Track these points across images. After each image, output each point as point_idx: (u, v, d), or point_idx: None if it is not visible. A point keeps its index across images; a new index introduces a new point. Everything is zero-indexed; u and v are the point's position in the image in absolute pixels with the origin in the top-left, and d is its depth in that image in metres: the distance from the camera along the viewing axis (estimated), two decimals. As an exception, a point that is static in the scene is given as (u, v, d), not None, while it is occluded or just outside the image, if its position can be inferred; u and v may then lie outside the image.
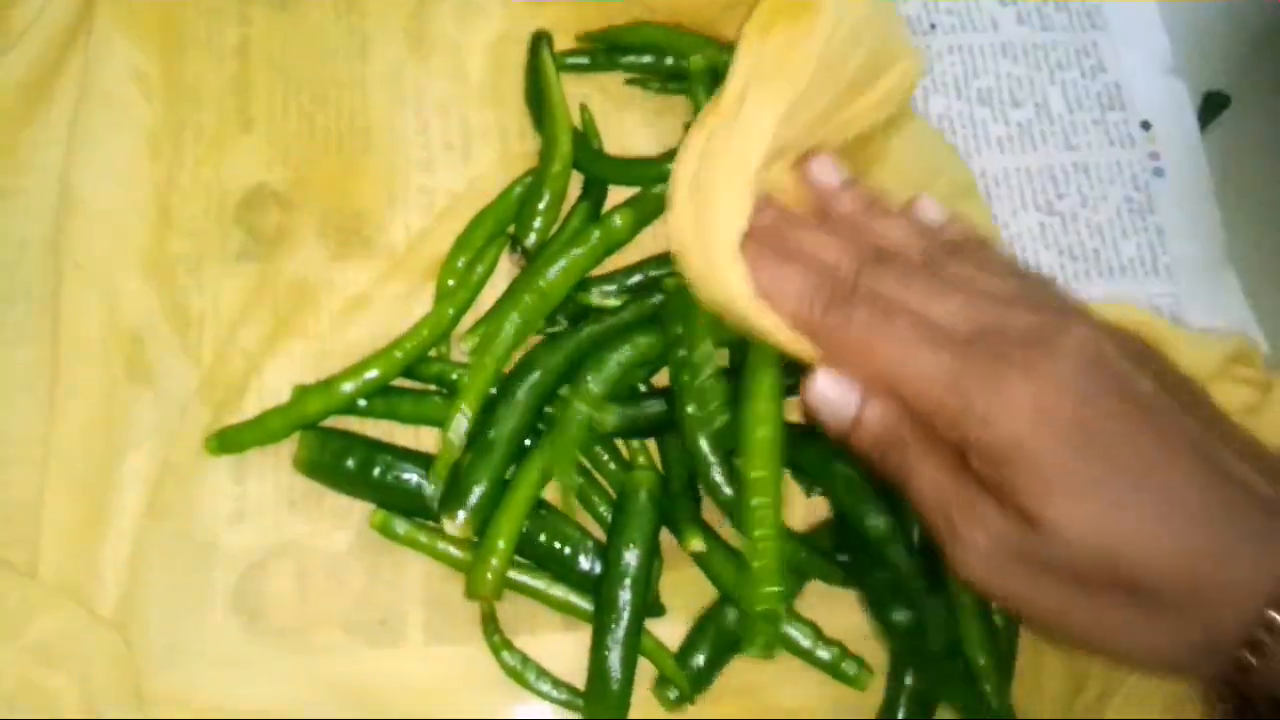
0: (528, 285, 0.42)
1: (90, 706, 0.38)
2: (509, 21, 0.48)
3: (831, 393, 0.37)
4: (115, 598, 0.40)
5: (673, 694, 0.40)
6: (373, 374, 0.42)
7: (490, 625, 0.40)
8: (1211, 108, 0.50)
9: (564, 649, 0.41)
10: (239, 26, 0.48)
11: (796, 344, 0.37)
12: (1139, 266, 0.47)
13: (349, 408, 0.42)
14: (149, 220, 0.44)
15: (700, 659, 0.40)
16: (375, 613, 0.41)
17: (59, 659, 0.38)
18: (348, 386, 0.42)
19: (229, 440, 0.42)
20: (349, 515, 0.42)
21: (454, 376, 0.43)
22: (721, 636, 0.40)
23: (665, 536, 0.42)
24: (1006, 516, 0.33)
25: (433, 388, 0.43)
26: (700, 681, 0.40)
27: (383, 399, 0.42)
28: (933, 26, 0.51)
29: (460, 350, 0.43)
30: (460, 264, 0.44)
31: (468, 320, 0.44)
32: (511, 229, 0.45)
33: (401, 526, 0.41)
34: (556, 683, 0.40)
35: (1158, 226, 0.48)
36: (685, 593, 0.41)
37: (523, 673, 0.40)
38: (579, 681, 0.40)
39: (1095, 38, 0.51)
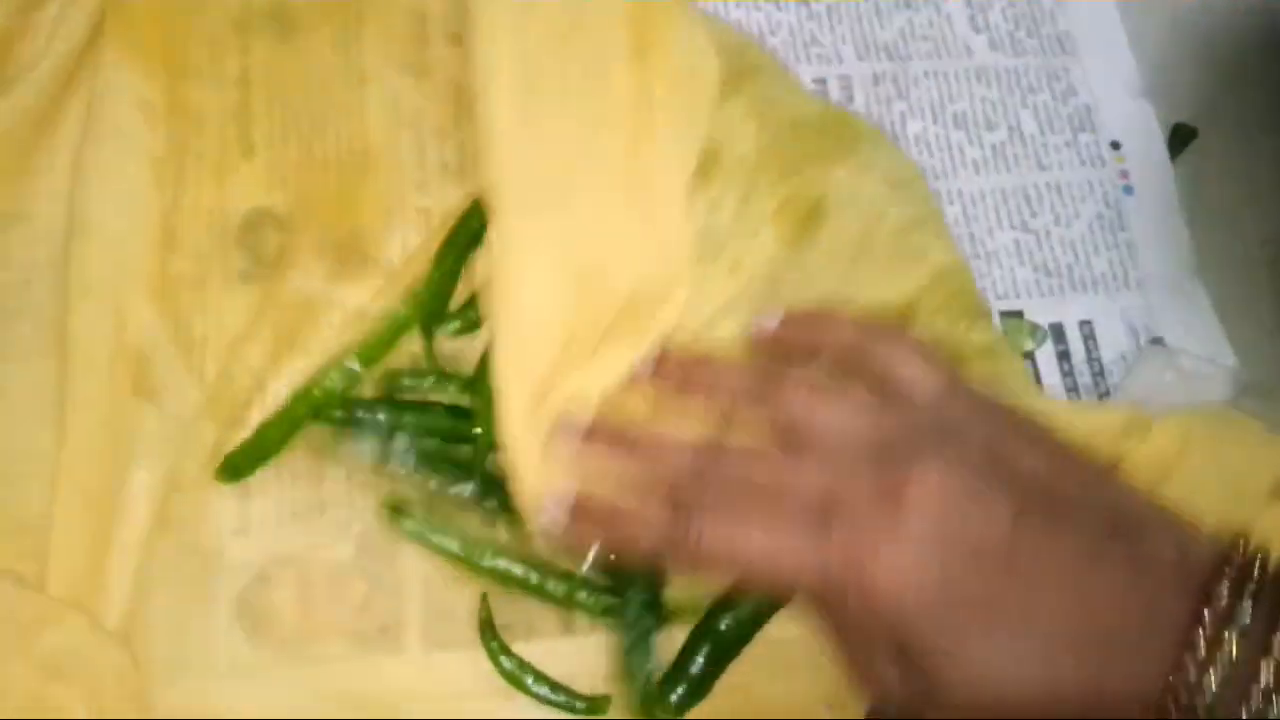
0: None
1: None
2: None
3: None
4: (121, 610, 0.41)
5: (674, 698, 0.41)
6: (353, 364, 0.44)
7: (488, 630, 0.41)
8: (1180, 139, 0.52)
9: (560, 653, 0.42)
10: (239, 57, 0.49)
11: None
12: (1111, 281, 0.49)
13: (348, 419, 0.44)
14: (154, 243, 0.45)
15: (698, 666, 0.41)
16: (376, 621, 0.42)
17: (67, 673, 0.39)
18: (333, 378, 0.44)
19: (235, 465, 0.43)
20: (350, 527, 0.43)
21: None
22: (718, 644, 0.42)
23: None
24: (903, 672, 0.33)
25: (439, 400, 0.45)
26: (698, 689, 0.41)
27: (391, 412, 0.44)
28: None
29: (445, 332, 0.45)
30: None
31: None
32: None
33: (416, 521, 0.42)
34: (554, 686, 0.41)
35: (1128, 242, 0.50)
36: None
37: (520, 676, 0.41)
38: (576, 685, 0.41)
39: (1065, 62, 0.53)
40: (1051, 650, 0.31)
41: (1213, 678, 0.29)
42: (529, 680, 0.41)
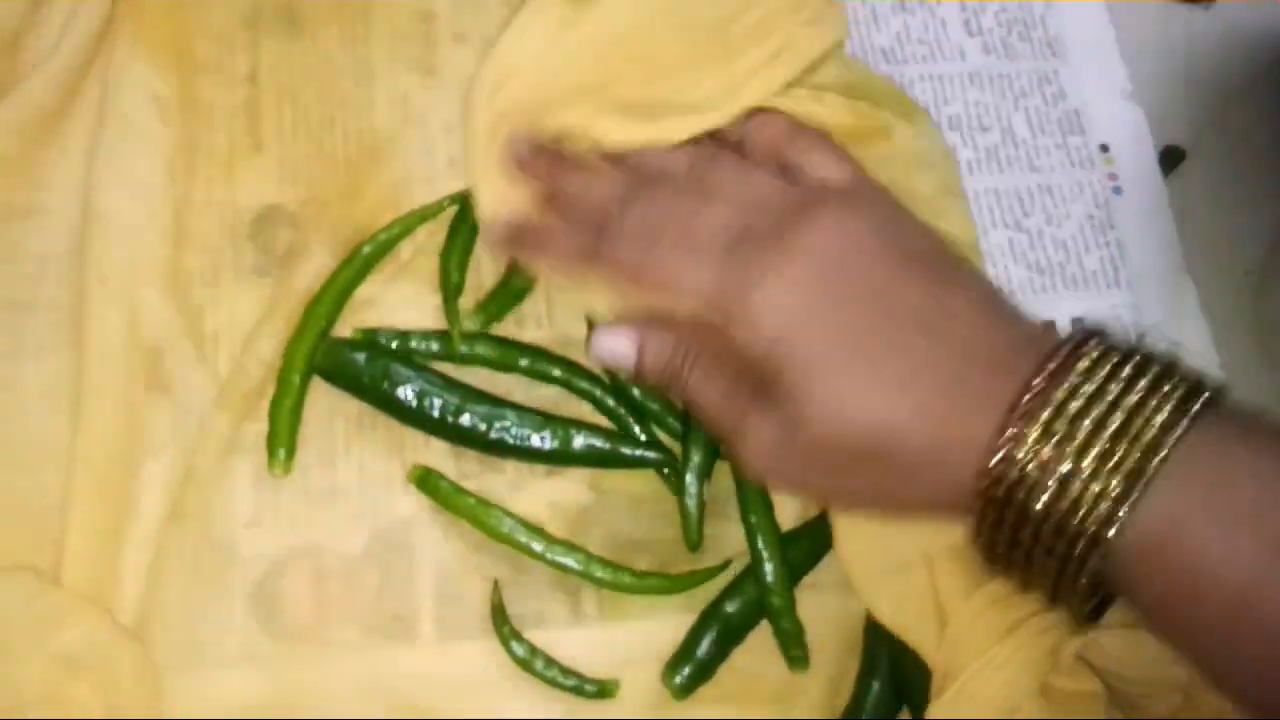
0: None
1: (112, 717, 0.39)
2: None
3: (609, 343, 0.41)
4: (135, 600, 0.42)
5: (679, 679, 0.42)
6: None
7: (500, 616, 0.42)
8: (1169, 161, 0.54)
9: (568, 642, 0.43)
10: (249, 54, 0.50)
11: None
12: (1101, 279, 0.50)
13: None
14: (167, 237, 0.46)
15: (704, 648, 0.42)
16: (389, 611, 0.43)
17: (83, 669, 0.39)
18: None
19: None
20: (363, 518, 0.44)
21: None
22: (725, 627, 0.43)
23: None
24: (775, 418, 0.36)
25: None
26: (704, 672, 0.42)
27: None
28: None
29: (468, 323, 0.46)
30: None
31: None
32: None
33: (443, 484, 0.44)
34: (564, 671, 0.42)
35: (1118, 241, 0.51)
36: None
37: (531, 662, 0.42)
38: (584, 673, 0.42)
39: (1056, 66, 0.55)
40: (903, 383, 0.35)
41: (1029, 447, 0.32)
42: (539, 665, 0.42)
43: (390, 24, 0.51)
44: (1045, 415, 0.32)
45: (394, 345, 0.45)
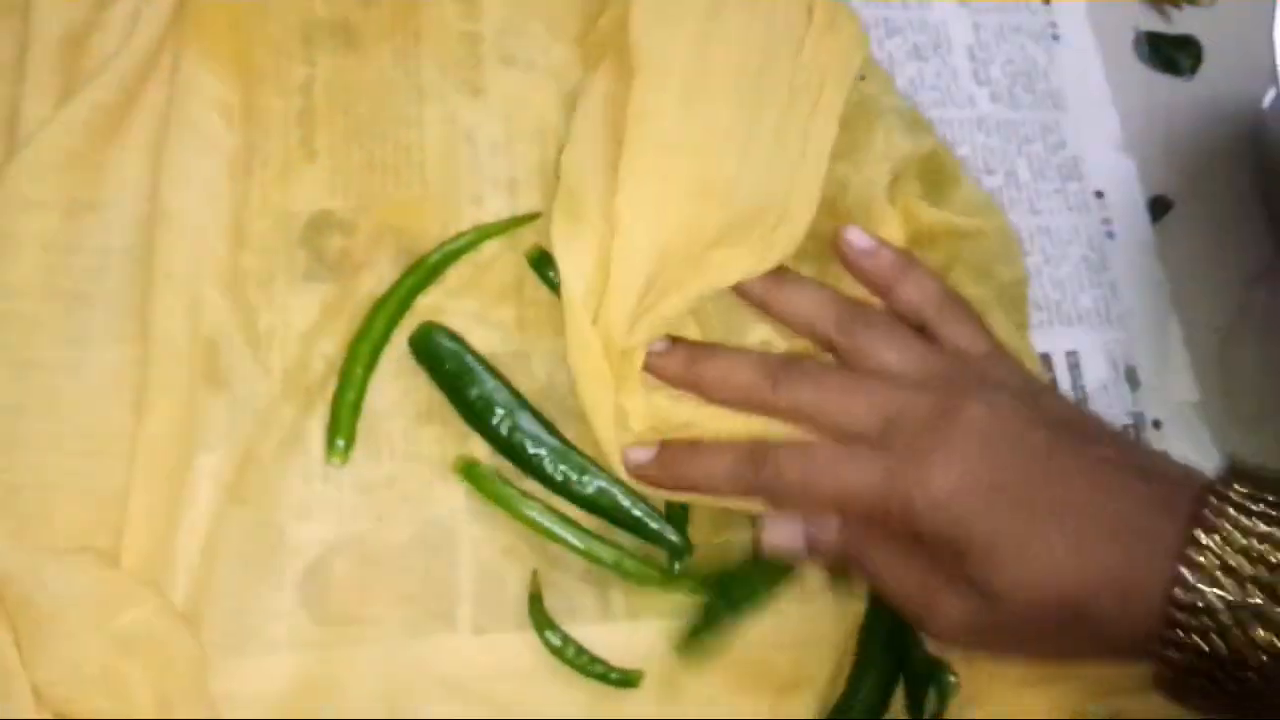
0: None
1: (161, 704, 0.41)
2: (554, 69, 0.54)
3: (781, 538, 0.43)
4: (188, 585, 0.44)
5: (685, 642, 0.45)
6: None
7: (536, 605, 0.45)
8: (1157, 209, 0.58)
9: (596, 636, 0.46)
10: (305, 66, 0.52)
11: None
12: (1095, 316, 0.54)
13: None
14: (227, 238, 0.48)
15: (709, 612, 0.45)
16: (430, 602, 0.45)
17: (137, 651, 0.41)
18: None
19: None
20: (408, 510, 0.46)
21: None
22: (729, 602, 0.46)
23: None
24: (964, 594, 0.38)
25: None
26: (709, 624, 0.45)
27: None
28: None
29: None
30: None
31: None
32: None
33: (486, 475, 0.46)
34: (593, 659, 0.45)
35: (1111, 282, 0.55)
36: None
37: (563, 649, 0.45)
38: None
39: (1057, 117, 0.59)
40: (1083, 542, 0.37)
41: (1213, 564, 0.35)
42: (571, 653, 0.45)
43: (440, 44, 0.54)
44: (1213, 557, 0.35)
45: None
